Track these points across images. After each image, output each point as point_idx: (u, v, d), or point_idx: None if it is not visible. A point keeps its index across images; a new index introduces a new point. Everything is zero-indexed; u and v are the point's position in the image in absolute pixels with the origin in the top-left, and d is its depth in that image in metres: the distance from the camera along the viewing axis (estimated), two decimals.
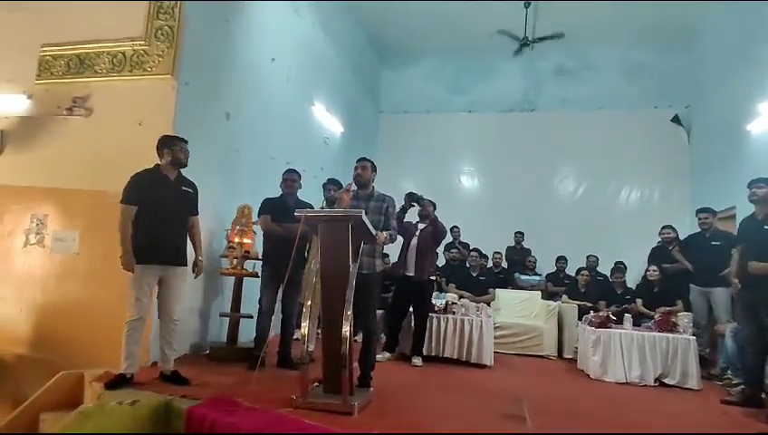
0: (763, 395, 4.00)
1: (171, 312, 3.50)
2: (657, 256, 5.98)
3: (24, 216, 4.53)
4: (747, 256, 3.98)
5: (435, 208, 5.16)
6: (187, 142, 3.61)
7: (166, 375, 3.48)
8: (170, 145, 3.54)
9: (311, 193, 4.79)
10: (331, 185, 4.66)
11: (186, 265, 3.62)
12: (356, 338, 3.73)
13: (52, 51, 4.65)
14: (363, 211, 3.15)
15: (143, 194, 3.43)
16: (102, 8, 4.48)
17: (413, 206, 4.89)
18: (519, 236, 8.31)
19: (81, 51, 4.55)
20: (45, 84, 4.64)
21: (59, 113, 4.50)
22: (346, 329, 3.03)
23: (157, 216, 3.43)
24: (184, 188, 3.62)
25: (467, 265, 6.73)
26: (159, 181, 3.51)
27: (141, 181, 3.45)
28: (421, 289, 5.00)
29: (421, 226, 5.14)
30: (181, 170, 3.64)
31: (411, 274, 4.98)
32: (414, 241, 5.04)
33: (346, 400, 3.01)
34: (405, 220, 5.02)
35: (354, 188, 3.74)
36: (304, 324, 3.17)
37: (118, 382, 3.26)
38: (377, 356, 4.04)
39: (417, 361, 4.91)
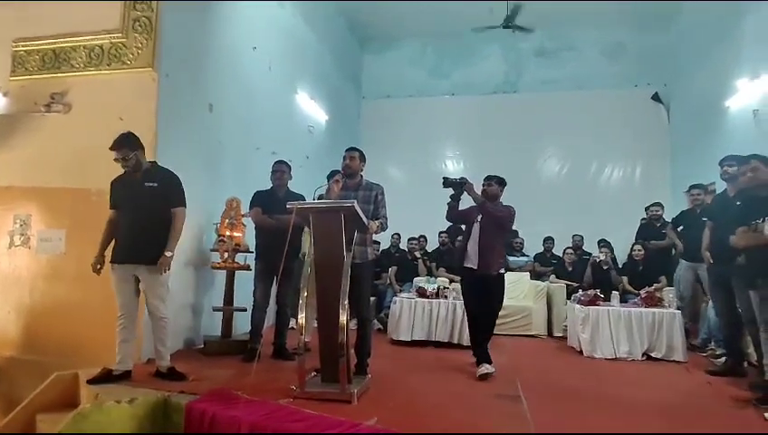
0: (746, 364, 4.15)
1: (154, 309, 3.47)
2: (644, 233, 6.07)
3: (7, 217, 4.43)
4: (720, 232, 4.00)
5: (503, 186, 4.53)
6: (131, 142, 3.47)
7: (162, 372, 3.47)
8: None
9: (297, 183, 4.75)
10: None
11: (156, 264, 3.45)
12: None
13: (25, 46, 4.51)
14: (355, 201, 3.16)
15: (115, 197, 3.59)
16: (76, 1, 4.35)
17: (462, 192, 4.33)
18: None
19: (56, 45, 4.42)
20: (20, 81, 4.51)
21: (36, 110, 4.37)
22: (343, 318, 3.06)
23: (123, 216, 3.52)
24: (147, 184, 3.51)
25: None
26: (123, 182, 3.57)
27: (113, 185, 3.61)
28: (488, 283, 4.25)
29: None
30: (158, 163, 3.69)
31: (474, 266, 4.25)
32: (476, 228, 4.37)
33: (345, 388, 3.06)
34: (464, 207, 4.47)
35: (343, 178, 3.73)
36: (301, 315, 3.19)
37: (102, 378, 3.27)
38: (482, 371, 3.90)
39: (483, 368, 3.96)
